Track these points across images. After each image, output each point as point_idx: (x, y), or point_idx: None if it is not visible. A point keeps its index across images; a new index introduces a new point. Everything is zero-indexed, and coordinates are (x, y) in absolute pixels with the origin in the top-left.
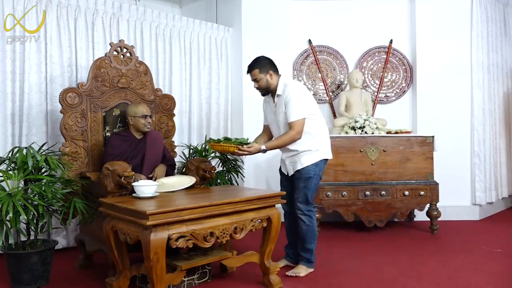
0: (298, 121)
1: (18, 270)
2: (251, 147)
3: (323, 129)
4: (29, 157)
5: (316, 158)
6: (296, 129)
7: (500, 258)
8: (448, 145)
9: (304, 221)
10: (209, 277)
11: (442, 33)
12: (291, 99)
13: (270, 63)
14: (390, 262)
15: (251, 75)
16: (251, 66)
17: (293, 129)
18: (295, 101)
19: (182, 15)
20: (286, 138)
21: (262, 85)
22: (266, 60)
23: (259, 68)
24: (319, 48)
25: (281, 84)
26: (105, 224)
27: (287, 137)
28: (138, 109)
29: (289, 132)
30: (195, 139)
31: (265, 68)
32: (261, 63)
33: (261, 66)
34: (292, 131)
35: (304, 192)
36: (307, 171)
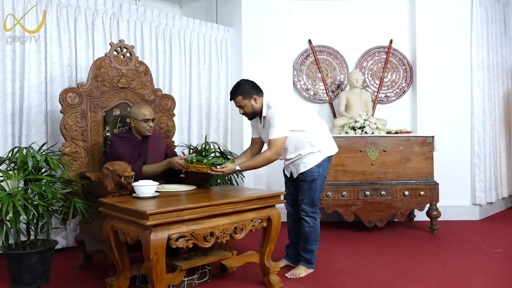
0: (278, 140)
1: (18, 270)
2: (224, 167)
3: (320, 132)
4: (29, 157)
5: (319, 159)
6: (274, 149)
7: (500, 258)
8: (448, 145)
9: (308, 222)
10: (209, 277)
11: (442, 33)
12: (272, 119)
13: (252, 86)
14: (390, 262)
15: (234, 102)
16: (233, 93)
17: (270, 149)
18: (276, 121)
19: (182, 15)
20: (261, 159)
21: (248, 111)
22: (247, 85)
23: (241, 95)
24: (319, 48)
25: (265, 105)
26: (105, 224)
27: (263, 158)
28: (140, 112)
29: (265, 153)
30: (195, 139)
31: (247, 93)
32: (243, 89)
33: (243, 92)
34: (269, 151)
35: (309, 194)
36: (311, 173)
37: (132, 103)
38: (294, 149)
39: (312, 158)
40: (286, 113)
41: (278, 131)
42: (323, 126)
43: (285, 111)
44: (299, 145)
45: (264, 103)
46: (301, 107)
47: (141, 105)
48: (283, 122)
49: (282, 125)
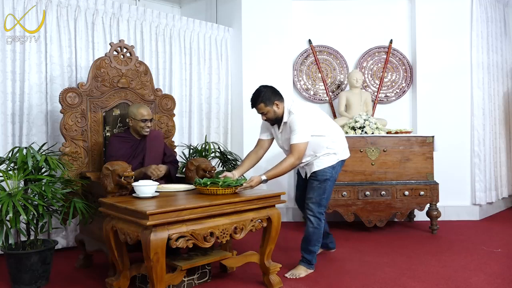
0: (299, 144)
1: (18, 270)
2: (251, 181)
3: (337, 137)
4: (29, 157)
5: (333, 161)
6: (297, 154)
7: (500, 258)
8: (448, 145)
9: (313, 222)
10: (209, 277)
11: (442, 33)
12: (295, 125)
13: (273, 92)
14: (390, 262)
15: (257, 110)
16: (254, 101)
17: (293, 154)
18: (297, 126)
19: (182, 15)
20: (285, 166)
21: (271, 117)
22: (268, 91)
23: (263, 102)
24: (319, 48)
25: (286, 111)
26: (105, 224)
27: (288, 164)
28: (138, 111)
29: (289, 159)
30: (195, 139)
31: (269, 100)
32: (265, 96)
33: (265, 99)
34: (292, 157)
35: (318, 193)
36: (324, 173)
37: (132, 103)
38: (311, 152)
39: (327, 159)
40: (307, 119)
41: (300, 137)
42: (340, 132)
43: (307, 117)
44: (316, 149)
45: (286, 109)
46: (320, 113)
47: (140, 105)
48: (305, 128)
49: (304, 130)
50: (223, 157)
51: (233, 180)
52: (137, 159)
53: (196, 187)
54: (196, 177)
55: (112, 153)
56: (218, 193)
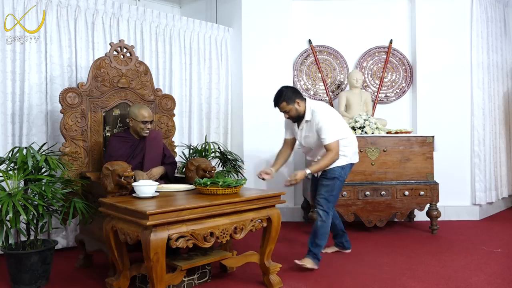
0: (334, 143)
1: (18, 270)
2: (296, 175)
3: (350, 141)
4: (29, 157)
5: (343, 162)
6: (334, 151)
7: (500, 258)
8: (448, 145)
9: (321, 216)
10: (209, 277)
11: (442, 33)
12: (323, 125)
13: (294, 92)
14: (390, 262)
15: (279, 108)
16: (277, 100)
17: (331, 151)
18: (327, 127)
19: (182, 15)
20: (327, 160)
21: (293, 114)
22: (290, 90)
23: (286, 101)
24: (319, 48)
25: (308, 109)
26: (105, 224)
27: (329, 159)
28: (140, 112)
29: (329, 154)
30: (195, 139)
31: (291, 99)
32: (287, 95)
33: (286, 98)
34: (331, 152)
35: (327, 190)
36: (333, 172)
37: (132, 103)
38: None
39: (339, 159)
40: (332, 119)
41: (331, 136)
42: (354, 137)
43: (331, 117)
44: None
45: (308, 108)
46: (339, 116)
47: (141, 106)
48: (333, 127)
49: (333, 129)
50: (223, 157)
51: (233, 180)
52: (136, 159)
53: (196, 187)
54: (196, 177)
55: (112, 153)
56: (218, 193)
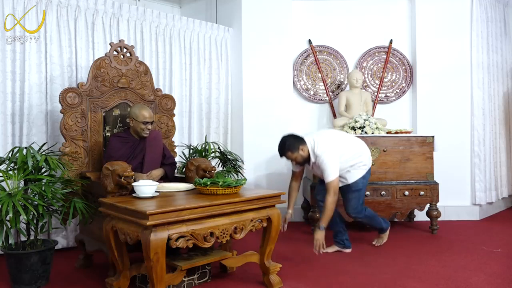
0: (333, 182)
1: (18, 270)
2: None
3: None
4: (29, 157)
5: (363, 172)
6: (333, 191)
7: (500, 258)
8: (448, 145)
9: (364, 220)
10: (209, 277)
11: (442, 33)
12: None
13: (295, 139)
14: (390, 262)
15: (286, 158)
16: (281, 151)
17: (330, 193)
18: (326, 167)
19: (182, 15)
20: (330, 207)
21: (299, 160)
22: (291, 140)
23: (290, 151)
24: (319, 48)
25: (312, 153)
26: (105, 224)
27: (330, 204)
28: (140, 113)
29: (329, 200)
30: (195, 139)
31: (294, 147)
32: (290, 145)
33: (291, 147)
34: (330, 196)
35: (355, 201)
36: (357, 185)
37: (132, 103)
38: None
39: (358, 171)
40: (332, 157)
41: (331, 175)
42: (362, 144)
43: (331, 155)
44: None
45: (310, 151)
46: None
47: (142, 106)
48: (332, 165)
49: (332, 168)
50: (223, 157)
51: (233, 180)
52: (136, 160)
53: (196, 187)
54: (196, 177)
55: (112, 153)
56: (218, 193)
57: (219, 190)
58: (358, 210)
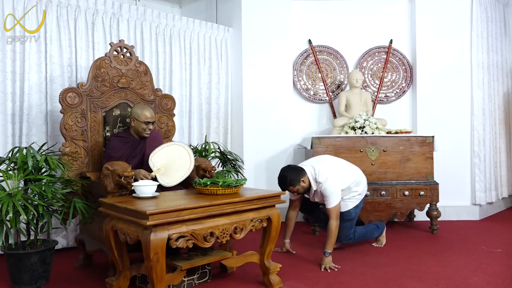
0: (335, 207)
1: (18, 270)
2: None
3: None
4: (29, 157)
5: (357, 201)
6: (335, 215)
7: (500, 258)
8: (448, 145)
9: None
10: (209, 277)
11: (442, 33)
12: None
13: (295, 172)
14: (390, 262)
15: (288, 191)
16: (283, 186)
17: (332, 217)
18: (328, 193)
19: (182, 15)
20: (333, 232)
21: (301, 191)
22: (292, 173)
23: (292, 185)
24: (319, 48)
25: (313, 181)
26: (105, 224)
27: (334, 229)
28: (142, 113)
29: (332, 224)
30: (195, 139)
31: (296, 180)
32: (291, 179)
33: (292, 181)
34: (333, 220)
35: (348, 231)
36: (349, 214)
37: (132, 103)
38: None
39: (352, 200)
40: (335, 183)
41: (333, 201)
42: (359, 172)
43: (334, 181)
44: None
45: (311, 179)
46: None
47: (144, 106)
48: (335, 192)
49: (334, 194)
50: (223, 157)
51: (233, 180)
52: (136, 159)
53: (196, 187)
54: (196, 177)
55: (112, 153)
56: (218, 193)
57: (219, 190)
58: (349, 238)
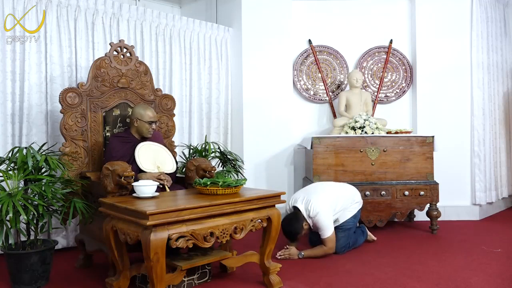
0: (330, 237)
1: (18, 270)
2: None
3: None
4: (29, 157)
5: (355, 210)
6: (330, 244)
7: (500, 258)
8: (448, 145)
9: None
10: (209, 277)
11: (442, 33)
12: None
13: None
14: (390, 262)
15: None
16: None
17: (327, 245)
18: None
19: (182, 15)
20: (321, 252)
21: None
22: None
23: (298, 233)
24: (319, 48)
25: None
26: (105, 224)
27: (323, 252)
28: (146, 113)
29: (324, 249)
30: (195, 139)
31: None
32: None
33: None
34: (327, 247)
35: (345, 241)
36: (347, 224)
37: (132, 103)
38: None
39: (350, 211)
40: (327, 215)
41: (328, 231)
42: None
43: (325, 213)
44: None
45: (306, 217)
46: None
47: (146, 106)
48: (328, 223)
49: (328, 226)
50: (223, 157)
51: (233, 180)
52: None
53: (196, 187)
54: (196, 177)
55: (113, 154)
56: (218, 193)
57: (219, 190)
58: (345, 248)
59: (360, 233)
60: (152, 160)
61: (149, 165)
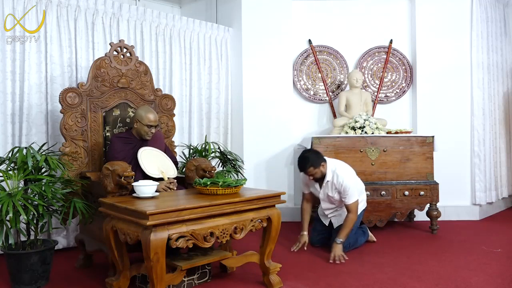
0: (354, 203)
1: (18, 270)
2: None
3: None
4: (29, 157)
5: (358, 211)
6: (355, 211)
7: (500, 258)
8: (448, 145)
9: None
10: (209, 277)
11: (442, 33)
12: (346, 187)
13: (317, 155)
14: (390, 262)
15: (306, 173)
16: (303, 166)
17: (352, 212)
18: (349, 188)
19: (182, 15)
20: (350, 224)
21: (318, 176)
22: (314, 155)
23: (313, 166)
24: (319, 48)
25: (330, 172)
26: (105, 224)
27: (351, 222)
28: (146, 116)
29: (350, 217)
30: (195, 139)
31: (317, 163)
32: (313, 160)
33: (313, 163)
34: (352, 214)
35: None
36: None
37: (132, 103)
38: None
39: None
40: (353, 180)
41: (352, 197)
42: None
43: (352, 179)
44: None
45: (329, 169)
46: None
47: (149, 109)
48: (354, 189)
49: (354, 191)
50: (223, 157)
51: (233, 180)
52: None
53: (196, 187)
54: (196, 177)
55: (115, 154)
56: (218, 193)
57: (219, 190)
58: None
59: (360, 233)
60: (156, 166)
61: (154, 170)
